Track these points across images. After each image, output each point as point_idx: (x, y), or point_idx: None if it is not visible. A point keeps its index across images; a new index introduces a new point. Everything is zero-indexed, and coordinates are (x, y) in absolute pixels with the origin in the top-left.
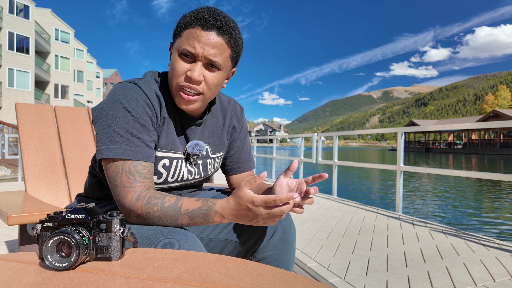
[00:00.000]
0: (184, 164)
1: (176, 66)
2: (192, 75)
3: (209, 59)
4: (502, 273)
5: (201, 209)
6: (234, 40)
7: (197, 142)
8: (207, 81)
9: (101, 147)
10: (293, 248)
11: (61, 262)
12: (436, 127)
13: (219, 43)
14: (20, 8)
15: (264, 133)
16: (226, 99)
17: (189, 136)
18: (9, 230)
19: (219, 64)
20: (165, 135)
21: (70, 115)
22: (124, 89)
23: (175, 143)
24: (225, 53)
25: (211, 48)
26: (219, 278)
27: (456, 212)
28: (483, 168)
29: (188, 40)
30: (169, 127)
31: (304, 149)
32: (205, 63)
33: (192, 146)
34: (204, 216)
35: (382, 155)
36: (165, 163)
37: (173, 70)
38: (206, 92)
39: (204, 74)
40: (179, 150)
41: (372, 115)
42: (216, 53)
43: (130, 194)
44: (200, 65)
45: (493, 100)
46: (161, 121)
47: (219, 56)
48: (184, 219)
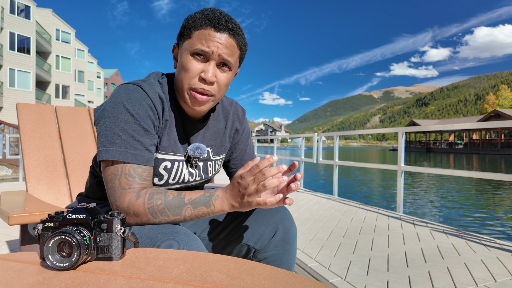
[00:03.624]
0: (185, 166)
1: (190, 66)
2: (206, 77)
3: (223, 58)
4: (503, 273)
5: (204, 196)
6: (243, 42)
7: (198, 145)
8: (219, 81)
9: (101, 149)
10: (294, 248)
11: (62, 262)
12: (437, 127)
13: (231, 44)
14: (21, 9)
15: (265, 133)
16: (228, 102)
17: (191, 139)
18: (10, 230)
19: (231, 64)
20: (167, 137)
21: (71, 115)
22: (127, 91)
23: (176, 145)
24: (235, 54)
25: (225, 48)
26: (220, 278)
27: (456, 212)
28: (484, 168)
29: (200, 40)
30: (171, 129)
31: (305, 149)
32: (218, 62)
33: (193, 149)
34: (207, 203)
35: (383, 155)
36: (166, 165)
37: (187, 70)
38: (216, 93)
39: (216, 75)
40: (180, 152)
41: (373, 115)
42: (229, 53)
43: (128, 195)
44: (213, 65)
45: (494, 100)
46: (163, 123)
47: (231, 56)
48: (187, 209)
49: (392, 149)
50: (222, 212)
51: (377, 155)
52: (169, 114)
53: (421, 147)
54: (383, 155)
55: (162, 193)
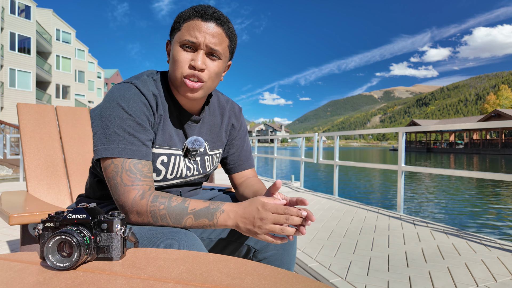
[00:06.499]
0: (182, 160)
1: (179, 57)
2: (195, 64)
3: (210, 48)
4: (503, 273)
5: (208, 209)
6: (231, 31)
7: (196, 137)
8: (209, 69)
9: (99, 147)
10: (294, 248)
11: (63, 262)
12: (438, 127)
13: (218, 33)
14: (22, 9)
15: (265, 133)
16: (224, 99)
17: (187, 132)
18: (10, 230)
19: (219, 53)
20: (162, 132)
21: (71, 115)
22: (121, 90)
23: (172, 139)
24: (224, 43)
25: (212, 37)
26: (220, 278)
27: (455, 210)
28: (484, 168)
29: (188, 31)
30: (166, 123)
31: (305, 149)
32: (206, 52)
33: (192, 141)
34: (210, 216)
35: (383, 155)
36: (163, 159)
37: (176, 61)
38: (207, 80)
39: (206, 63)
40: (177, 146)
41: (373, 115)
42: (216, 42)
43: (132, 192)
44: (202, 54)
45: (495, 100)
46: (158, 118)
47: (219, 45)
48: (189, 219)
49: (392, 149)
50: (224, 227)
51: (378, 155)
52: (163, 109)
53: (422, 147)
54: (384, 155)
55: (166, 198)
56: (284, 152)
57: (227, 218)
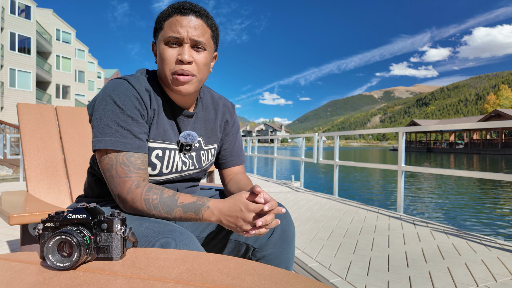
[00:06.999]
0: (177, 154)
1: (166, 54)
2: (182, 58)
3: (194, 40)
4: (503, 273)
5: (195, 204)
6: (211, 22)
7: (189, 132)
8: (197, 61)
9: (93, 140)
10: (292, 246)
11: (63, 261)
12: (438, 127)
13: (200, 25)
14: (22, 9)
15: (265, 133)
16: (217, 95)
17: (181, 127)
18: (10, 230)
19: (204, 44)
20: (156, 126)
21: (71, 115)
22: (114, 85)
23: (166, 133)
24: (206, 34)
25: (194, 30)
26: (220, 278)
27: (455, 210)
28: (484, 168)
29: (171, 28)
30: (159, 118)
31: (305, 149)
32: (191, 44)
33: (185, 135)
34: (196, 211)
35: (383, 155)
36: (157, 153)
37: (164, 59)
38: (197, 73)
39: (193, 55)
40: (171, 140)
41: (373, 115)
42: (199, 33)
43: (127, 183)
44: (187, 47)
45: (495, 100)
46: (152, 113)
47: (202, 36)
48: (178, 211)
49: (392, 149)
50: (209, 222)
51: (378, 155)
52: (157, 104)
53: (422, 147)
54: (384, 155)
55: (159, 190)
56: (284, 152)
57: (211, 214)
